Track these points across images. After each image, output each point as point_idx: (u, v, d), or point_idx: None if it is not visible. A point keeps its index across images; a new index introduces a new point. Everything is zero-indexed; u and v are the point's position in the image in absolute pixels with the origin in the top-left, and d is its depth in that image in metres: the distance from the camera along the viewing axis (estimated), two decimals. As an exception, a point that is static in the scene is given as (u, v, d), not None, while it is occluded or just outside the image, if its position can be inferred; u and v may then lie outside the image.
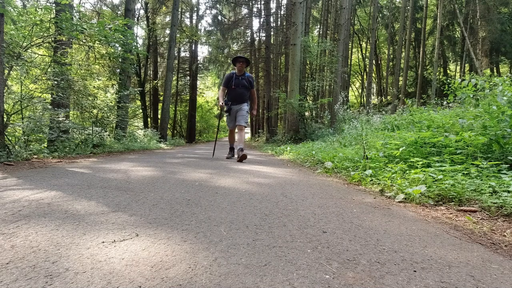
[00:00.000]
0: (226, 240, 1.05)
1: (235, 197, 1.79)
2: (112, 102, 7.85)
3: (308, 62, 14.82)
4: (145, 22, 18.14)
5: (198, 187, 2.08)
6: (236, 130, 4.89)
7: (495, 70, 17.62)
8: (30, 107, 5.30)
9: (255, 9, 20.80)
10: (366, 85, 19.28)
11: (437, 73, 17.02)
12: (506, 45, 15.72)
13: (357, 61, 27.88)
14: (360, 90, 29.48)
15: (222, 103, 4.80)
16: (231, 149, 5.13)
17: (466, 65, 17.79)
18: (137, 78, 17.24)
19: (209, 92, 28.47)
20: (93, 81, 7.51)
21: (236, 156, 4.82)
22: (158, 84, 19.68)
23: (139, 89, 12.16)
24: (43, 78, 5.53)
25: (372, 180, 2.50)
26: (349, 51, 21.25)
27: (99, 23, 5.06)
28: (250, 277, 0.77)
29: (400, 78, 17.36)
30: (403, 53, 18.52)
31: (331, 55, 13.97)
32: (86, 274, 0.76)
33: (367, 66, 19.65)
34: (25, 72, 5.19)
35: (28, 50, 5.44)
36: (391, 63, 22.19)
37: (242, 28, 21.91)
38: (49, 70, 5.51)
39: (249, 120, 4.62)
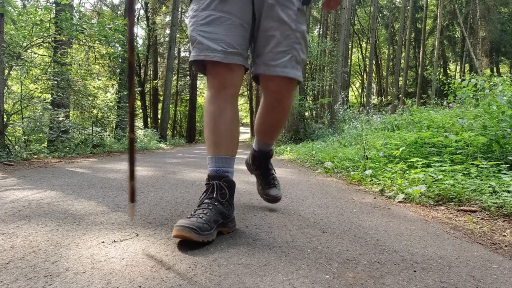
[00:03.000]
0: (226, 240, 1.05)
1: (235, 197, 1.79)
2: (112, 102, 7.86)
3: (308, 62, 14.83)
4: (145, 22, 18.15)
5: (198, 187, 2.08)
6: (264, 82, 1.20)
7: (495, 70, 17.64)
8: (30, 107, 5.30)
9: (255, 9, 20.76)
10: (366, 85, 19.27)
11: (437, 73, 17.02)
12: (506, 45, 15.76)
13: (357, 61, 27.89)
14: (360, 90, 29.48)
15: None
16: (215, 184, 1.12)
17: (466, 65, 17.82)
18: (137, 78, 17.23)
19: (209, 92, 28.36)
20: (93, 81, 7.51)
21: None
22: (158, 84, 19.70)
23: (139, 89, 12.20)
24: (43, 78, 5.53)
25: (372, 180, 2.50)
26: (349, 51, 21.27)
27: (99, 23, 5.07)
28: (250, 277, 0.77)
29: (400, 78, 17.37)
30: (403, 53, 18.54)
31: (331, 55, 13.98)
32: (86, 274, 0.76)
33: (367, 66, 19.65)
34: (25, 72, 5.19)
35: (28, 50, 5.45)
36: (391, 63, 22.20)
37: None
38: (49, 70, 5.51)
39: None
